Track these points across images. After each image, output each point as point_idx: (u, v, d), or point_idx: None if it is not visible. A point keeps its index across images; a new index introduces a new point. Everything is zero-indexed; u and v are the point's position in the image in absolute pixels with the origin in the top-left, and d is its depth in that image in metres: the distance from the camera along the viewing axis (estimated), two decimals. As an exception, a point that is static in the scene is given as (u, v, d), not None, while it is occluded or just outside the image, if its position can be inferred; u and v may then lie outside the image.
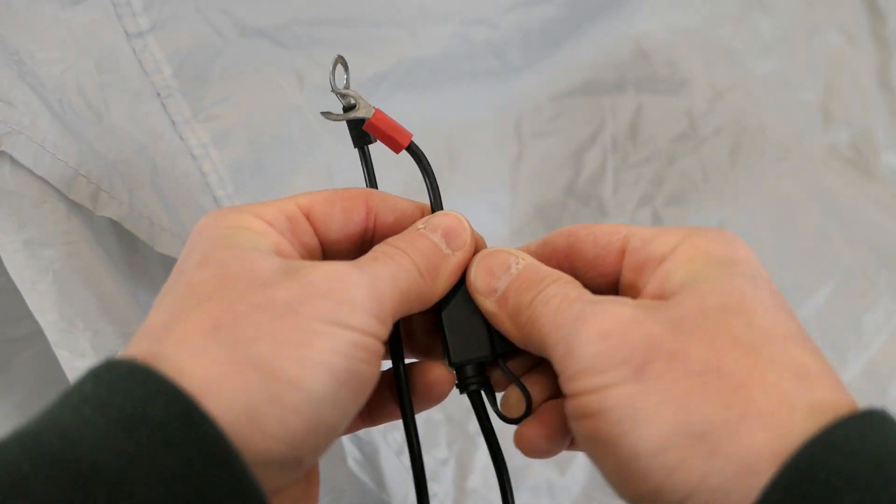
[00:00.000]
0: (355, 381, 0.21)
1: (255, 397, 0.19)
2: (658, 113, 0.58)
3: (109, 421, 0.18)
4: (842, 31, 0.62)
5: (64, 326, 0.35)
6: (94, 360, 0.35)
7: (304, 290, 0.21)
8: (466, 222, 0.26)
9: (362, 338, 0.21)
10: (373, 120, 0.26)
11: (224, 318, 0.20)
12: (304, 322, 0.20)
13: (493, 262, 0.25)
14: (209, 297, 0.21)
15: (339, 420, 0.21)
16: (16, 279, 0.34)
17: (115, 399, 0.18)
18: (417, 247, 0.24)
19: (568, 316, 0.22)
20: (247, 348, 0.20)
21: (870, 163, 0.59)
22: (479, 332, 0.26)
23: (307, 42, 0.44)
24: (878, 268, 0.54)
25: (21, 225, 0.34)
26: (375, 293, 0.22)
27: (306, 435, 0.20)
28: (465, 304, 0.26)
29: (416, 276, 0.23)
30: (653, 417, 0.20)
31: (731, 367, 0.20)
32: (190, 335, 0.20)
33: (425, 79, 0.49)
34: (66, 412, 0.18)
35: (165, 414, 0.18)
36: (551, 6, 0.52)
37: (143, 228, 0.37)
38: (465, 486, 0.46)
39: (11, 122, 0.33)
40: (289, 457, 0.20)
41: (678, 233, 0.23)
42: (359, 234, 0.26)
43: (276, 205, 0.24)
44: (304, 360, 0.20)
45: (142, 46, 0.38)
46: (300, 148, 0.44)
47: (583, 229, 0.25)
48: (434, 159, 0.28)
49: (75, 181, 0.35)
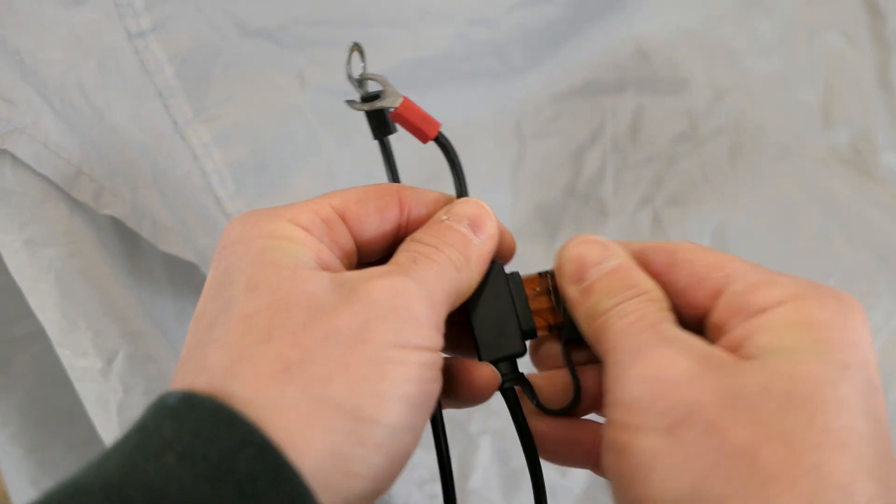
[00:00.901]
0: (427, 403, 0.21)
1: (339, 440, 0.19)
2: (658, 113, 0.58)
3: (196, 473, 0.17)
4: (842, 31, 0.62)
5: (65, 326, 0.35)
6: (95, 359, 0.35)
7: (367, 312, 0.20)
8: (488, 208, 0.25)
9: (429, 356, 0.21)
10: (400, 110, 0.25)
11: (293, 357, 0.19)
12: (374, 351, 0.20)
13: (586, 251, 0.24)
14: (271, 333, 0.20)
15: (415, 444, 0.21)
16: (17, 278, 0.34)
17: (200, 447, 0.18)
18: (449, 241, 0.23)
19: (632, 343, 0.21)
20: (322, 388, 0.19)
21: (869, 163, 0.59)
22: (509, 327, 0.25)
23: (309, 42, 0.44)
24: (878, 268, 0.54)
25: (22, 224, 0.34)
26: (433, 304, 0.21)
27: (388, 468, 0.20)
28: (493, 298, 0.25)
29: (455, 274, 0.23)
30: (670, 477, 0.19)
31: (768, 460, 0.18)
32: (260, 378, 0.19)
33: (426, 79, 0.49)
34: (150, 461, 0.18)
35: (253, 467, 0.17)
36: (552, 6, 0.53)
37: (146, 227, 0.37)
38: (466, 487, 0.46)
39: (13, 120, 0.33)
40: (371, 490, 0.20)
41: (789, 288, 0.21)
42: (392, 232, 0.25)
43: (310, 207, 0.23)
44: (382, 395, 0.20)
45: (143, 46, 0.38)
46: (302, 148, 0.44)
47: (684, 253, 0.23)
48: (435, 159, 0.28)
49: (78, 179, 0.35)
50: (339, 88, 0.46)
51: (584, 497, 0.47)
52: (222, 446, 0.18)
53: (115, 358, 0.35)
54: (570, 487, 0.47)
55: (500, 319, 0.25)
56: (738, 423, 0.19)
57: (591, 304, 0.23)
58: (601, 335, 0.23)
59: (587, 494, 0.47)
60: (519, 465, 0.47)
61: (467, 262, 0.23)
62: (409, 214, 0.25)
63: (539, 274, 0.27)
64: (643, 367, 0.20)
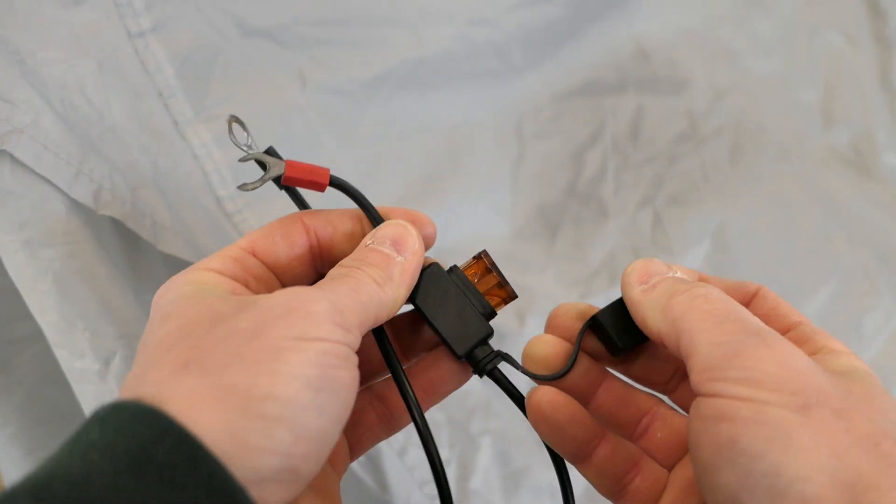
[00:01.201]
0: (332, 386, 0.21)
1: (233, 417, 0.20)
2: (658, 113, 0.58)
3: (117, 465, 0.18)
4: (842, 31, 0.62)
5: (64, 327, 0.35)
6: (93, 361, 0.35)
7: (265, 314, 0.22)
8: (411, 227, 0.27)
9: (330, 346, 0.22)
10: (288, 173, 0.27)
11: (191, 356, 0.21)
12: (270, 342, 0.21)
13: (650, 267, 0.27)
14: (174, 344, 0.22)
15: (327, 426, 0.21)
16: (16, 279, 0.34)
17: (121, 442, 0.19)
18: (370, 261, 0.25)
19: (739, 326, 0.23)
20: (218, 376, 0.20)
21: (870, 163, 0.59)
22: (469, 316, 0.27)
23: (309, 42, 0.44)
24: (878, 268, 0.54)
25: (21, 225, 0.34)
26: (336, 305, 0.23)
27: (294, 443, 0.20)
28: (443, 298, 0.27)
29: (373, 287, 0.25)
30: (808, 449, 0.20)
31: (890, 451, 0.20)
32: (161, 376, 0.21)
33: (427, 79, 0.49)
34: (75, 459, 0.19)
35: (171, 456, 0.18)
36: (553, 6, 0.53)
37: (146, 227, 0.37)
38: (466, 488, 0.46)
39: (13, 120, 0.33)
40: (281, 467, 0.20)
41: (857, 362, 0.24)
42: (307, 254, 0.27)
43: (220, 254, 0.26)
44: (276, 374, 0.20)
45: (143, 46, 0.38)
46: (302, 148, 0.44)
47: (773, 294, 0.27)
48: (435, 159, 0.29)
49: (77, 180, 0.35)
50: (340, 88, 0.47)
51: (586, 497, 0.47)
52: (142, 439, 0.19)
53: (113, 359, 0.35)
54: (570, 488, 0.47)
55: (459, 314, 0.27)
56: (858, 416, 0.21)
57: (662, 290, 0.25)
58: (685, 313, 0.24)
59: (588, 495, 0.47)
60: (519, 466, 0.47)
61: (389, 277, 0.25)
62: (317, 234, 0.27)
63: (474, 258, 0.29)
64: (770, 349, 0.22)
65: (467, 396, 0.48)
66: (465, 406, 0.48)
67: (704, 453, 0.22)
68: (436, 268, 0.28)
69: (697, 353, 0.23)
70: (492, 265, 0.29)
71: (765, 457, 0.20)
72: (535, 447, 0.47)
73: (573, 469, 0.48)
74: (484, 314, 0.28)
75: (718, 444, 0.21)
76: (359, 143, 0.47)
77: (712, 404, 0.22)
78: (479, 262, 0.29)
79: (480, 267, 0.29)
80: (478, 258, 0.29)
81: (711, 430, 0.22)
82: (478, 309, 0.28)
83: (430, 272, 0.28)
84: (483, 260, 0.29)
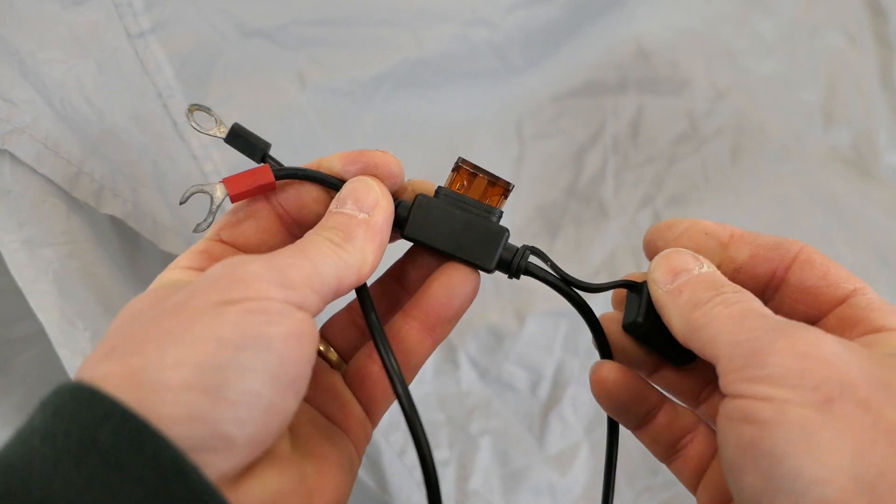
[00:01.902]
0: (260, 342, 0.20)
1: (140, 389, 0.19)
2: (659, 114, 0.58)
3: (58, 450, 0.18)
4: (843, 31, 0.62)
5: (64, 326, 0.35)
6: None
7: (195, 287, 0.21)
8: (373, 181, 0.26)
9: (258, 304, 0.21)
10: (231, 193, 0.26)
11: (117, 342, 0.21)
12: (189, 312, 0.20)
13: (676, 262, 0.25)
14: (111, 335, 0.21)
15: (258, 387, 0.20)
16: (17, 278, 0.34)
17: (62, 426, 0.18)
18: (328, 224, 0.24)
19: (759, 323, 0.22)
20: (135, 354, 0.20)
21: (870, 163, 0.59)
22: (478, 225, 0.26)
23: (308, 42, 0.44)
24: (878, 268, 0.54)
25: (21, 224, 0.34)
26: (273, 264, 0.22)
27: (214, 406, 0.19)
28: (445, 223, 0.26)
29: (329, 247, 0.23)
30: (829, 450, 0.19)
31: None
32: (88, 366, 0.20)
33: (426, 79, 0.49)
34: (17, 445, 0.18)
35: (115, 438, 0.18)
36: (552, 7, 0.53)
37: (147, 226, 0.37)
38: (466, 488, 0.46)
39: (13, 120, 0.33)
40: (206, 434, 0.19)
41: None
42: (278, 228, 0.26)
43: (189, 250, 0.26)
44: (184, 340, 0.20)
45: (143, 47, 0.38)
46: (301, 148, 0.44)
47: (819, 255, 0.25)
48: (434, 160, 0.28)
49: (78, 179, 0.35)
50: (339, 88, 0.47)
51: (585, 497, 0.47)
52: (83, 422, 0.18)
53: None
54: (570, 487, 0.47)
55: (466, 230, 0.26)
56: (889, 404, 0.20)
57: (686, 299, 0.24)
58: (705, 323, 0.23)
59: (587, 495, 0.47)
60: (519, 466, 0.47)
61: (349, 237, 0.24)
62: (283, 205, 0.26)
63: (453, 170, 0.27)
64: (790, 342, 0.21)
65: (467, 396, 0.48)
66: (465, 406, 0.48)
67: (730, 454, 0.22)
68: (422, 198, 0.27)
69: (721, 356, 0.22)
70: (474, 168, 0.27)
71: (786, 460, 0.20)
72: (534, 447, 0.47)
73: (573, 470, 0.48)
74: (494, 218, 0.27)
75: (742, 446, 0.21)
76: (358, 143, 0.47)
77: (736, 405, 0.21)
78: (460, 172, 0.27)
79: (464, 175, 0.27)
80: (456, 169, 0.27)
81: (736, 431, 0.21)
82: (482, 216, 0.26)
83: (418, 203, 0.26)
84: (463, 167, 0.27)
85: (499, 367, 0.49)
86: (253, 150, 0.27)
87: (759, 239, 0.26)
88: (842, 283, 0.24)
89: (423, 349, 0.27)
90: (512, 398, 0.48)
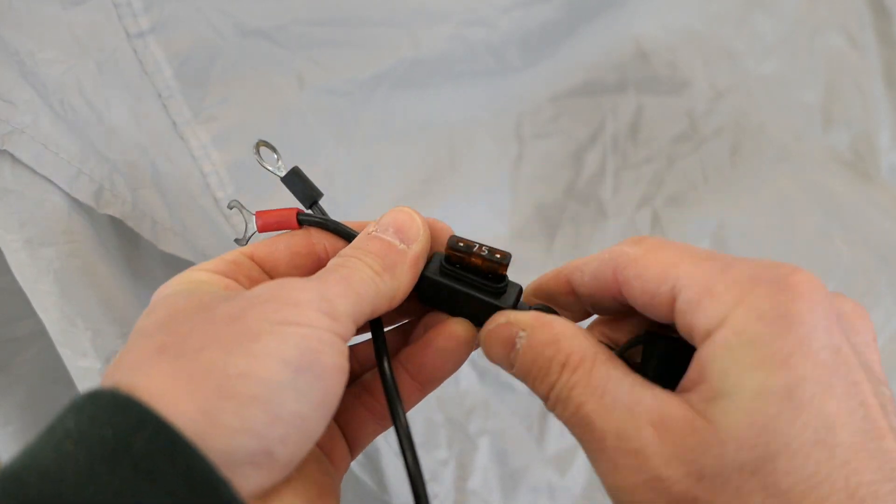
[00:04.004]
0: (313, 370, 0.21)
1: (207, 396, 0.19)
2: (658, 113, 0.58)
3: (92, 455, 0.18)
4: (843, 31, 0.62)
5: (65, 325, 0.35)
6: (95, 360, 0.35)
7: (247, 301, 0.21)
8: (416, 214, 0.26)
9: (313, 331, 0.21)
10: (259, 226, 0.28)
11: (167, 341, 0.20)
12: (249, 325, 0.20)
13: (499, 337, 0.25)
14: (155, 332, 0.21)
15: (306, 411, 0.21)
16: (18, 278, 0.34)
17: (96, 431, 0.18)
18: (370, 249, 0.25)
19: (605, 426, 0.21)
20: (193, 358, 0.20)
21: (869, 164, 0.59)
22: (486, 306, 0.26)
23: (307, 42, 0.44)
24: (878, 268, 0.54)
25: (22, 224, 0.34)
26: (323, 293, 0.22)
27: (269, 424, 0.20)
28: (454, 285, 0.26)
29: (370, 275, 0.24)
30: None
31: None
32: (137, 362, 0.20)
33: (424, 79, 0.49)
34: (49, 449, 0.18)
35: (149, 446, 0.18)
36: (550, 7, 0.53)
37: (146, 227, 0.37)
38: (464, 487, 0.46)
39: (13, 121, 0.33)
40: (255, 448, 0.20)
41: (730, 293, 0.20)
42: (314, 264, 0.27)
43: (219, 258, 0.26)
44: (252, 354, 0.20)
45: (142, 47, 0.39)
46: (300, 148, 0.44)
47: (628, 268, 0.23)
48: (433, 160, 0.28)
49: (78, 179, 0.35)
50: (338, 88, 0.47)
51: (584, 497, 0.47)
52: (118, 429, 0.18)
53: (115, 358, 0.35)
54: (569, 487, 0.47)
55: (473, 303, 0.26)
56: (720, 499, 0.19)
57: (536, 381, 0.24)
58: (575, 411, 0.23)
59: (586, 495, 0.47)
60: (518, 465, 0.47)
61: (390, 265, 0.24)
62: (326, 246, 0.27)
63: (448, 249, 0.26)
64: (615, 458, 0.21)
65: (466, 396, 0.48)
66: (464, 406, 0.48)
67: None
68: (428, 276, 0.26)
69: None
70: (467, 250, 0.26)
71: None
72: (533, 447, 0.48)
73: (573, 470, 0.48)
74: (495, 293, 0.26)
75: None
76: (357, 143, 0.47)
77: None
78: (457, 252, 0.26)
79: (457, 257, 0.26)
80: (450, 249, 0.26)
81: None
82: (488, 292, 0.26)
83: (424, 283, 0.26)
84: (455, 254, 0.26)
85: (498, 366, 0.49)
86: (305, 195, 0.28)
87: (586, 266, 0.25)
88: (660, 288, 0.22)
89: (409, 403, 0.27)
90: (511, 398, 0.48)
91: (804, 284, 0.20)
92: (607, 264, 0.24)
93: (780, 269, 0.20)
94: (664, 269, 0.22)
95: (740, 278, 0.20)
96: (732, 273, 0.21)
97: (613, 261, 0.24)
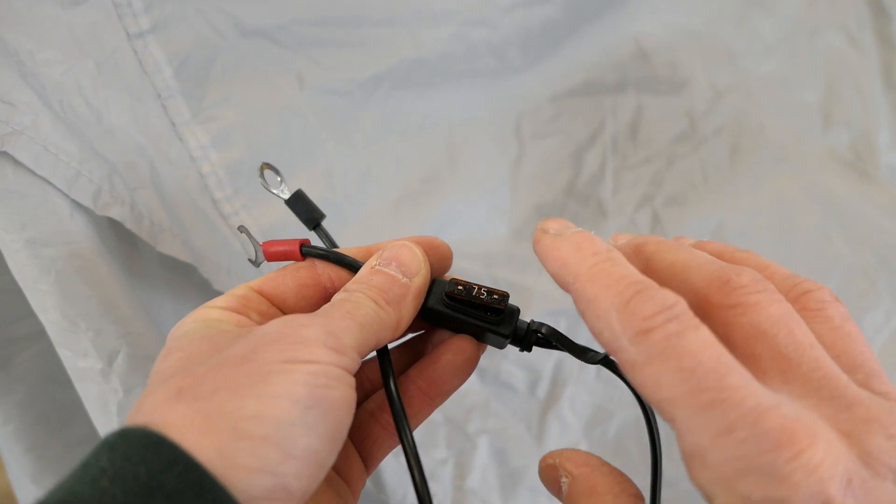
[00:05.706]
0: (322, 405, 0.22)
1: (223, 438, 0.20)
2: (658, 113, 0.58)
3: (128, 492, 0.19)
4: (843, 31, 0.62)
5: (65, 326, 0.35)
6: (96, 360, 0.35)
7: (257, 341, 0.22)
8: (417, 248, 0.27)
9: (321, 367, 0.22)
10: (266, 257, 0.29)
11: (184, 385, 0.22)
12: (259, 366, 0.22)
13: (546, 479, 0.26)
14: (172, 375, 0.22)
15: (318, 445, 0.22)
16: (18, 278, 0.34)
17: (131, 469, 0.19)
18: (373, 283, 0.26)
19: None
20: (208, 400, 0.21)
21: (869, 164, 0.59)
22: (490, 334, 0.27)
23: (307, 42, 0.44)
24: (878, 268, 0.54)
25: (23, 224, 0.34)
26: (330, 329, 0.23)
27: (283, 461, 0.21)
28: (454, 315, 0.27)
29: (374, 309, 0.25)
30: None
31: None
32: (156, 405, 0.21)
33: (425, 79, 0.49)
34: (86, 485, 0.19)
35: (179, 483, 0.19)
36: (551, 6, 0.53)
37: (145, 228, 0.37)
38: (463, 487, 0.46)
39: (13, 122, 0.33)
40: (271, 485, 0.21)
41: (721, 470, 0.18)
42: (320, 295, 0.28)
43: (227, 293, 0.27)
44: (263, 395, 0.21)
45: (142, 47, 0.39)
46: (299, 149, 0.44)
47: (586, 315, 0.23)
48: (433, 160, 0.28)
49: (77, 181, 0.35)
50: (338, 88, 0.47)
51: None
52: (151, 467, 0.19)
53: (116, 359, 0.36)
54: (568, 487, 0.47)
55: (474, 328, 0.27)
56: None
57: None
58: None
59: (586, 494, 0.47)
60: (517, 465, 0.47)
61: (393, 300, 0.26)
62: (332, 277, 0.28)
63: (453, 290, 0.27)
64: None
65: (465, 396, 0.48)
66: (463, 405, 0.48)
67: None
68: (431, 306, 0.27)
69: None
70: (465, 286, 0.27)
71: None
72: (532, 446, 0.48)
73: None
74: (495, 322, 0.27)
75: None
76: (357, 143, 0.47)
77: None
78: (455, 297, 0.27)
79: (460, 293, 0.27)
80: (451, 289, 0.27)
81: None
82: (490, 323, 0.27)
83: (427, 312, 0.27)
84: (456, 297, 0.27)
85: (497, 366, 0.49)
86: (308, 217, 0.30)
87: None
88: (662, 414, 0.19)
89: (420, 417, 0.29)
90: (510, 397, 0.48)
91: (799, 474, 0.17)
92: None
93: (779, 455, 0.17)
94: (660, 403, 0.19)
95: (734, 455, 0.18)
96: (728, 442, 0.18)
97: None
